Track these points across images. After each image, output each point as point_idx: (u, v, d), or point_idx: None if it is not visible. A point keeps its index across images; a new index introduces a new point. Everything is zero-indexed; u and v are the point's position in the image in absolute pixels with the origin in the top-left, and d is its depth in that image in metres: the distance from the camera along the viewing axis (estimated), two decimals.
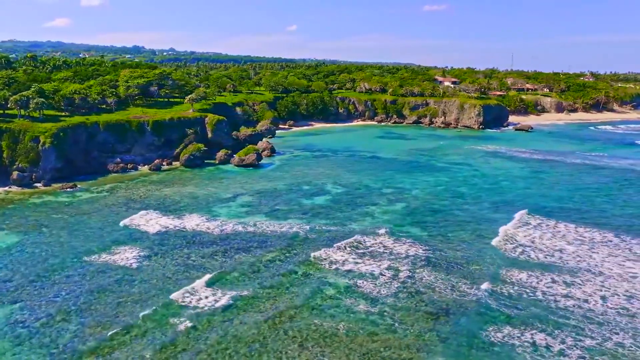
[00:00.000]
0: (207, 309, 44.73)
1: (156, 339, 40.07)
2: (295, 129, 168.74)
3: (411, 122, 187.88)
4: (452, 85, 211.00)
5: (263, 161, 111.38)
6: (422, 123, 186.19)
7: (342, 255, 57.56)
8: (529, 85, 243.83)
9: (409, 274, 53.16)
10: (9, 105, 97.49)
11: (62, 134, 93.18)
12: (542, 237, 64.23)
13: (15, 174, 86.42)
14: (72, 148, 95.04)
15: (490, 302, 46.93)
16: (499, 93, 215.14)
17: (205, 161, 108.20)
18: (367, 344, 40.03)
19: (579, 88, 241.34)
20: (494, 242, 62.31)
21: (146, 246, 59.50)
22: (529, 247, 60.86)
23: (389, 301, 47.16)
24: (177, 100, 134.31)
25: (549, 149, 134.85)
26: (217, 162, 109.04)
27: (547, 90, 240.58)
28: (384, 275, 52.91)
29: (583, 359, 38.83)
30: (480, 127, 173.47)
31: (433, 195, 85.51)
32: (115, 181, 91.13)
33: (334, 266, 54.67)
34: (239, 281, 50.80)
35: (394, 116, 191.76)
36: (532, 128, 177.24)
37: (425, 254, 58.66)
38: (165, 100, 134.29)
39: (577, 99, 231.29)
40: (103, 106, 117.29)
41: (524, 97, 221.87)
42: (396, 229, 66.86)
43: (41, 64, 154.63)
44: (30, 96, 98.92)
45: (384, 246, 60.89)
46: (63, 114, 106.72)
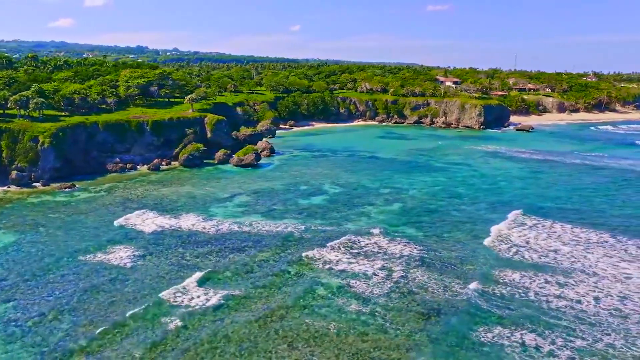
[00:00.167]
0: (197, 308, 44.89)
1: (146, 338, 40.25)
2: (295, 129, 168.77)
3: (412, 122, 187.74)
4: (453, 85, 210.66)
5: (262, 161, 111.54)
6: (423, 123, 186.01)
7: (336, 255, 57.60)
8: (530, 85, 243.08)
9: (403, 274, 53.16)
10: (8, 105, 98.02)
11: (61, 133, 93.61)
12: (537, 237, 64.08)
13: (14, 174, 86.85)
14: (71, 148, 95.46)
15: (482, 303, 46.89)
16: (500, 93, 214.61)
17: (204, 161, 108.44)
18: (357, 344, 40.09)
19: (581, 88, 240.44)
20: (488, 242, 62.27)
21: (141, 246, 59.73)
22: (523, 247, 60.73)
23: (380, 301, 47.19)
24: (178, 100, 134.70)
25: (549, 149, 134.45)
26: (216, 162, 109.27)
27: (549, 90, 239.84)
28: (377, 275, 52.93)
29: (572, 359, 38.81)
30: (481, 127, 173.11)
31: (430, 195, 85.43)
32: (113, 181, 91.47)
33: (327, 266, 54.72)
34: (231, 281, 50.95)
35: (395, 116, 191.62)
36: (533, 128, 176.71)
37: (419, 254, 58.63)
38: (166, 100, 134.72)
39: (579, 99, 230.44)
40: (103, 106, 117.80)
41: (525, 97, 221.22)
42: (391, 229, 66.83)
43: (42, 64, 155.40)
44: (30, 96, 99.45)
45: (379, 246, 60.91)
46: (63, 114, 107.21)
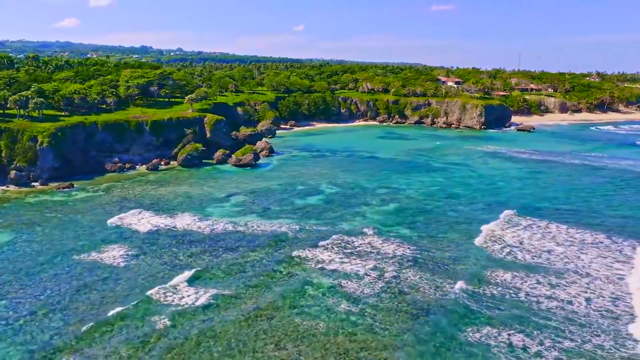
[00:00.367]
0: (187, 307, 45.04)
1: (134, 337, 40.43)
2: (296, 129, 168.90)
3: (413, 122, 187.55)
4: (455, 86, 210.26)
5: (261, 161, 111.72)
6: (424, 123, 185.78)
7: (328, 255, 57.63)
8: (533, 86, 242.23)
9: (395, 274, 53.16)
10: (8, 105, 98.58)
11: (60, 133, 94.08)
12: (532, 237, 63.92)
13: (13, 173, 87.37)
14: (70, 148, 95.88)
15: (472, 303, 46.83)
16: (502, 93, 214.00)
17: (203, 161, 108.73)
18: (345, 344, 40.14)
19: (583, 88, 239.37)
20: (481, 243, 62.10)
21: (135, 245, 59.98)
22: (517, 247, 60.57)
23: (370, 301, 47.21)
24: (178, 100, 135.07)
25: (549, 150, 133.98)
26: (215, 162, 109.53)
27: (552, 90, 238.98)
28: (369, 275, 52.95)
29: None
30: (482, 127, 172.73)
31: (427, 195, 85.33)
32: (111, 181, 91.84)
33: (319, 266, 54.77)
34: (222, 280, 51.07)
35: (396, 116, 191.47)
36: (534, 128, 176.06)
37: (412, 254, 58.61)
38: (166, 100, 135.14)
39: (582, 99, 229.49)
40: (103, 106, 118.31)
41: (527, 97, 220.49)
42: (385, 229, 66.81)
43: (43, 64, 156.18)
44: (30, 96, 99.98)
45: (372, 246, 60.89)
46: (62, 113, 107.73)
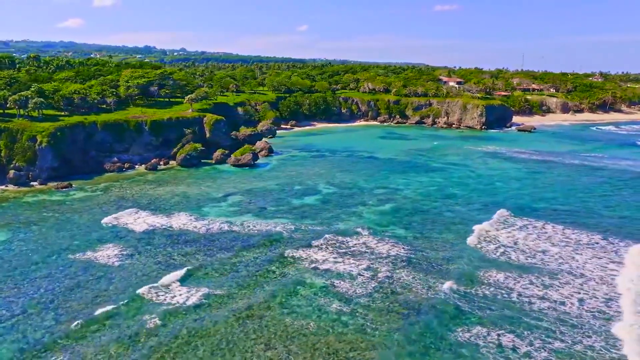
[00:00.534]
0: (178, 306, 45.23)
1: (124, 335, 40.61)
2: (297, 129, 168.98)
3: (414, 122, 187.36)
4: (456, 86, 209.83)
5: (260, 161, 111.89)
6: (425, 123, 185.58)
7: (322, 255, 57.69)
8: (534, 86, 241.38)
9: (388, 274, 53.18)
10: (8, 105, 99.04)
11: (59, 133, 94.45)
12: (527, 238, 63.79)
13: (12, 173, 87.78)
14: (69, 147, 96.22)
15: (463, 303, 46.81)
16: (503, 93, 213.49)
17: (202, 161, 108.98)
18: (334, 344, 40.20)
19: (585, 88, 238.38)
20: (475, 243, 62.03)
21: (130, 244, 60.21)
22: (511, 248, 60.46)
23: (362, 301, 47.26)
24: (179, 100, 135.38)
25: (549, 150, 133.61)
26: (214, 162, 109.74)
27: (554, 90, 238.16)
28: (362, 275, 52.99)
29: None
30: (483, 127, 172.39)
31: (424, 195, 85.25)
32: (110, 180, 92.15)
33: (312, 265, 54.85)
34: (215, 279, 51.20)
35: (397, 116, 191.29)
36: (535, 128, 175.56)
37: (406, 254, 58.62)
38: (166, 100, 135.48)
39: (583, 99, 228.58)
40: (103, 106, 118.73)
41: (529, 97, 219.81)
42: (381, 229, 66.82)
43: (45, 64, 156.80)
44: (29, 96, 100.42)
45: (367, 246, 60.92)
46: (62, 113, 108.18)
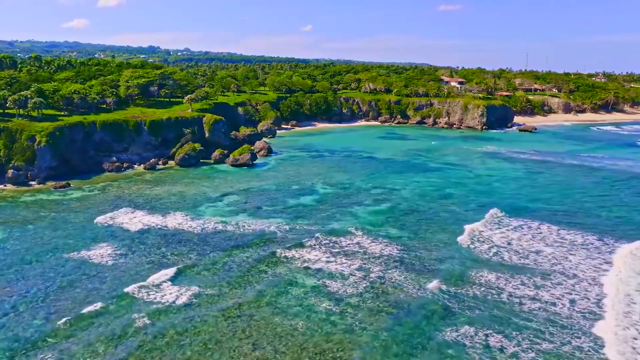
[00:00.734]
0: (167, 305, 45.43)
1: (112, 334, 40.83)
2: (297, 129, 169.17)
3: (415, 122, 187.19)
4: (458, 86, 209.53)
5: (258, 161, 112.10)
6: (426, 123, 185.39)
7: (315, 255, 57.79)
8: (537, 86, 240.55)
9: (380, 274, 53.24)
10: (7, 105, 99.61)
11: (58, 133, 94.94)
12: (521, 238, 63.72)
13: (11, 172, 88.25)
14: (68, 147, 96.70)
15: (453, 304, 46.82)
16: (505, 93, 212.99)
17: (201, 160, 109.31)
18: (322, 344, 40.29)
19: (588, 89, 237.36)
20: (468, 243, 61.99)
21: (125, 244, 60.50)
22: (504, 248, 60.39)
23: (352, 301, 47.33)
24: (179, 100, 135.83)
25: (549, 150, 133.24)
26: (213, 161, 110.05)
27: (556, 90, 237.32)
28: (354, 275, 53.05)
29: None
30: (484, 127, 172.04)
31: (421, 196, 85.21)
32: (108, 180, 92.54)
33: (304, 265, 54.95)
34: (206, 279, 51.38)
35: (398, 116, 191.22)
36: (535, 129, 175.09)
37: (399, 254, 58.66)
38: (167, 100, 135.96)
39: (586, 99, 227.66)
40: (103, 106, 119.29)
41: (531, 97, 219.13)
42: (375, 229, 66.85)
43: (46, 64, 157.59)
44: (29, 96, 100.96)
45: (360, 246, 60.98)
46: (62, 113, 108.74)
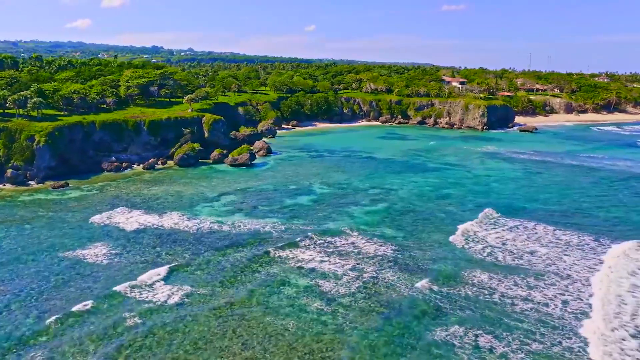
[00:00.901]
0: (159, 304, 45.59)
1: (103, 332, 41.00)
2: (298, 129, 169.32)
3: (416, 122, 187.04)
4: (459, 86, 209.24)
5: (257, 161, 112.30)
6: (427, 124, 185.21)
7: (309, 255, 57.84)
8: (538, 86, 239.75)
9: (373, 274, 53.25)
10: (7, 105, 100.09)
11: (57, 133, 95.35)
12: (516, 239, 63.60)
13: (10, 172, 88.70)
14: (67, 147, 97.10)
15: (445, 304, 46.80)
16: (506, 94, 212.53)
17: (199, 160, 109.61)
18: (312, 344, 40.35)
19: (590, 89, 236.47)
20: (462, 244, 61.94)
21: (120, 243, 60.73)
22: (499, 248, 60.28)
23: (344, 301, 47.37)
24: (180, 100, 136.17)
25: (549, 150, 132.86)
26: (211, 161, 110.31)
27: (558, 90, 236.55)
28: (347, 275, 53.08)
29: None
30: (484, 127, 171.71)
31: (418, 196, 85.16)
32: (107, 180, 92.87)
33: (298, 265, 55.01)
34: (199, 278, 51.51)
35: (399, 116, 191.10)
36: (536, 129, 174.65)
37: (393, 254, 58.67)
38: (167, 100, 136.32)
39: (588, 99, 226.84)
40: (103, 106, 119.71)
41: (532, 97, 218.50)
42: (370, 230, 66.86)
43: (47, 64, 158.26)
44: (28, 96, 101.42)
45: (355, 246, 60.99)
46: (61, 113, 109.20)
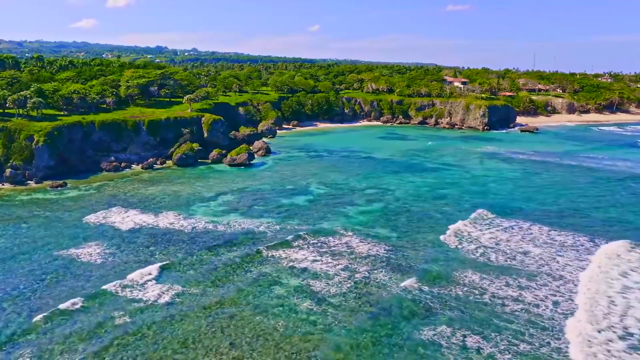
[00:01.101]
0: (149, 303, 45.78)
1: (93, 332, 41.22)
2: (298, 129, 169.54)
3: (417, 122, 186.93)
4: (460, 86, 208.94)
5: (256, 161, 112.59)
6: (428, 124, 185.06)
7: (302, 254, 57.93)
8: (541, 86, 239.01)
9: (365, 274, 53.28)
10: (7, 105, 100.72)
11: (56, 132, 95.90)
12: (510, 239, 63.46)
13: (9, 172, 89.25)
14: (66, 147, 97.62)
15: (435, 304, 46.79)
16: (508, 94, 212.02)
17: (198, 160, 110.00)
18: (299, 344, 40.44)
19: (592, 89, 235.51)
20: (456, 244, 61.89)
21: (114, 243, 61.02)
22: (492, 249, 60.16)
23: (334, 301, 47.44)
24: (180, 100, 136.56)
25: (549, 151, 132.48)
26: (210, 161, 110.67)
27: (560, 90, 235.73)
28: (339, 275, 53.14)
29: None
30: (485, 128, 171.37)
31: (415, 196, 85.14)
32: (105, 179, 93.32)
33: (290, 264, 55.11)
34: (190, 277, 51.69)
35: (400, 117, 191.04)
36: (537, 129, 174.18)
37: (386, 254, 58.69)
38: (167, 100, 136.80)
39: (590, 99, 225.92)
40: (103, 106, 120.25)
41: (534, 98, 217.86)
42: (365, 230, 66.86)
43: (48, 64, 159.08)
44: (28, 95, 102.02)
45: (348, 246, 61.04)
46: (61, 113, 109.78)
